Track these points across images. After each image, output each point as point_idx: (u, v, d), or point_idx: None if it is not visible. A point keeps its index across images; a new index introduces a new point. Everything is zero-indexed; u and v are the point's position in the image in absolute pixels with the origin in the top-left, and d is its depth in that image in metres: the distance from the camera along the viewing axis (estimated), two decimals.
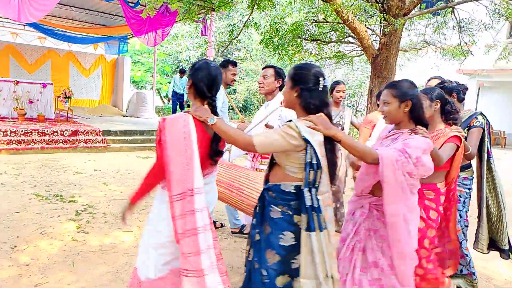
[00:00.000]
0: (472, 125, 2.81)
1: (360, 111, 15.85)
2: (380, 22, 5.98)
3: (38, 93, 9.82)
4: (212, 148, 1.92)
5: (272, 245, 1.74)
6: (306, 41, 7.77)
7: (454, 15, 6.52)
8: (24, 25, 12.83)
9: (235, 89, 18.67)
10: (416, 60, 9.93)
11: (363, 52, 7.38)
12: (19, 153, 7.39)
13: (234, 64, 3.79)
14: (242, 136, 1.76)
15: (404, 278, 1.92)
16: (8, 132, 7.66)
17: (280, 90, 3.22)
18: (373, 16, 6.80)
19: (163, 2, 5.49)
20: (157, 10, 8.63)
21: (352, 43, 7.40)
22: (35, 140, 7.84)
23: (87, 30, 13.22)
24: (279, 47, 7.31)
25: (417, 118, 2.04)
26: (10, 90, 9.43)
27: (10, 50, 13.03)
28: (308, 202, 1.66)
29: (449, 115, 2.41)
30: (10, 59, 13.06)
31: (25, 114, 9.39)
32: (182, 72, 12.90)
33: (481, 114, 2.85)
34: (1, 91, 9.34)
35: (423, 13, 6.26)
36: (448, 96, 2.59)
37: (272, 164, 1.89)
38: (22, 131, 7.83)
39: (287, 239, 1.72)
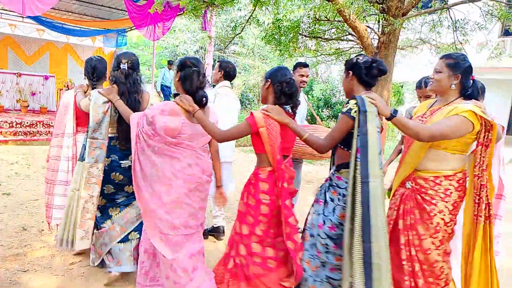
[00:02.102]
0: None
1: None
2: (379, 22, 6.24)
3: (40, 85, 9.95)
4: None
5: None
6: (306, 38, 7.99)
7: (449, 14, 6.81)
8: (23, 17, 12.82)
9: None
10: (411, 57, 10.23)
11: (361, 49, 7.63)
12: (26, 144, 7.56)
13: (303, 65, 3.78)
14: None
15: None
16: (14, 124, 7.81)
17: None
18: (372, 15, 7.05)
19: None
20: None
21: (352, 41, 7.65)
22: (41, 131, 7.99)
23: (86, 23, 13.28)
24: (281, 43, 7.53)
25: None
26: (12, 82, 9.53)
27: (8, 42, 13.03)
28: None
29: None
30: (9, 51, 13.08)
31: (28, 106, 9.51)
32: (170, 63, 12.79)
33: (360, 98, 2.02)
34: (4, 83, 9.44)
35: (421, 13, 6.53)
36: None
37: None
38: (27, 122, 7.98)
39: None
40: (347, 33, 7.53)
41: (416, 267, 2.16)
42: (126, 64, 2.64)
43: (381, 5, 5.79)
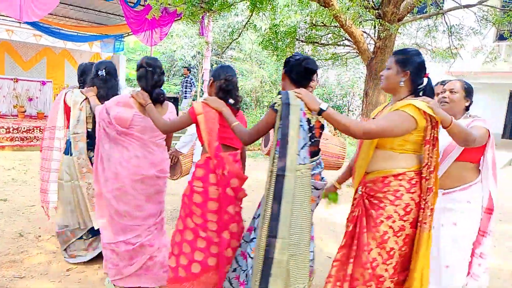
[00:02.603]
0: None
1: (352, 110, 16.22)
2: (375, 27, 6.30)
3: (37, 91, 9.95)
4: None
5: None
6: (303, 43, 8.04)
7: (445, 20, 6.88)
8: (20, 23, 12.85)
9: None
10: None
11: (357, 54, 7.69)
12: (22, 149, 7.54)
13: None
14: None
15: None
16: (11, 129, 7.80)
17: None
18: (368, 20, 7.11)
19: (168, 4, 5.69)
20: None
21: (348, 46, 7.71)
22: (37, 137, 7.98)
23: (83, 29, 13.29)
24: (277, 48, 7.57)
25: None
26: (10, 88, 9.54)
27: (5, 47, 13.04)
28: None
29: None
30: (6, 56, 13.08)
31: (25, 111, 9.51)
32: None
33: (286, 92, 1.96)
34: (1, 89, 9.44)
35: (416, 18, 6.59)
36: None
37: None
38: (24, 128, 7.97)
39: None
40: (343, 38, 7.58)
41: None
42: (103, 70, 2.91)
43: (377, 11, 5.85)
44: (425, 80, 2.00)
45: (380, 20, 5.67)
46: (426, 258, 1.90)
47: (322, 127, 2.19)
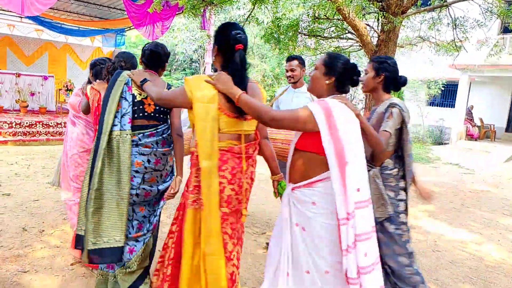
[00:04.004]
0: None
1: (355, 104, 16.16)
2: (378, 20, 6.23)
3: (39, 86, 9.94)
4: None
5: None
6: (306, 36, 7.98)
7: (449, 12, 6.80)
8: (21, 17, 12.82)
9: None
10: (410, 55, 10.23)
11: (360, 47, 7.63)
12: (25, 144, 7.55)
13: (288, 59, 3.51)
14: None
15: None
16: (13, 124, 7.80)
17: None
18: (371, 13, 7.04)
19: None
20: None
21: (351, 39, 7.63)
22: (40, 131, 7.98)
23: (84, 23, 13.25)
24: (280, 42, 7.52)
25: None
26: (12, 83, 9.54)
27: (7, 42, 13.02)
28: None
29: None
30: (8, 51, 13.07)
31: (27, 106, 9.51)
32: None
33: (118, 72, 2.38)
34: (3, 84, 9.43)
35: (420, 11, 6.52)
36: None
37: None
38: (26, 123, 7.97)
39: None
40: (346, 31, 7.51)
41: None
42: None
43: (380, 3, 5.78)
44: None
45: (384, 12, 5.61)
46: (192, 237, 1.90)
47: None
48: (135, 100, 2.29)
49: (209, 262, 1.84)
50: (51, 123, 8.22)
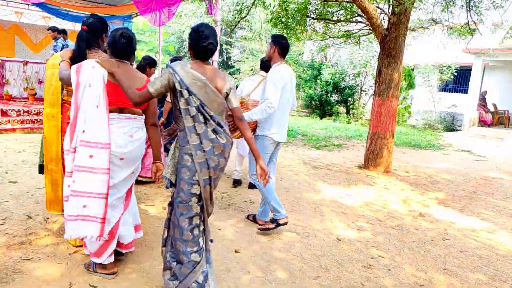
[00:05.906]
0: None
1: (365, 90, 15.89)
2: (389, 2, 6.03)
3: None
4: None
5: None
6: (314, 20, 7.79)
7: None
8: (28, 5, 12.78)
9: (239, 69, 18.67)
10: (422, 39, 9.94)
11: (370, 31, 7.42)
12: (33, 132, 7.58)
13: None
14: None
15: None
16: (21, 112, 7.82)
17: None
18: None
19: None
20: None
21: (361, 22, 7.43)
22: None
23: (91, 10, 13.15)
24: (287, 26, 7.36)
25: None
26: (20, 71, 9.55)
27: (15, 30, 13.00)
28: None
29: None
30: (16, 39, 13.07)
31: (35, 94, 9.53)
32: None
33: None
34: (11, 72, 9.46)
35: None
36: None
37: None
38: (34, 110, 7.99)
39: None
40: (356, 15, 7.31)
41: None
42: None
43: None
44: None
45: None
46: None
47: None
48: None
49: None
50: None
